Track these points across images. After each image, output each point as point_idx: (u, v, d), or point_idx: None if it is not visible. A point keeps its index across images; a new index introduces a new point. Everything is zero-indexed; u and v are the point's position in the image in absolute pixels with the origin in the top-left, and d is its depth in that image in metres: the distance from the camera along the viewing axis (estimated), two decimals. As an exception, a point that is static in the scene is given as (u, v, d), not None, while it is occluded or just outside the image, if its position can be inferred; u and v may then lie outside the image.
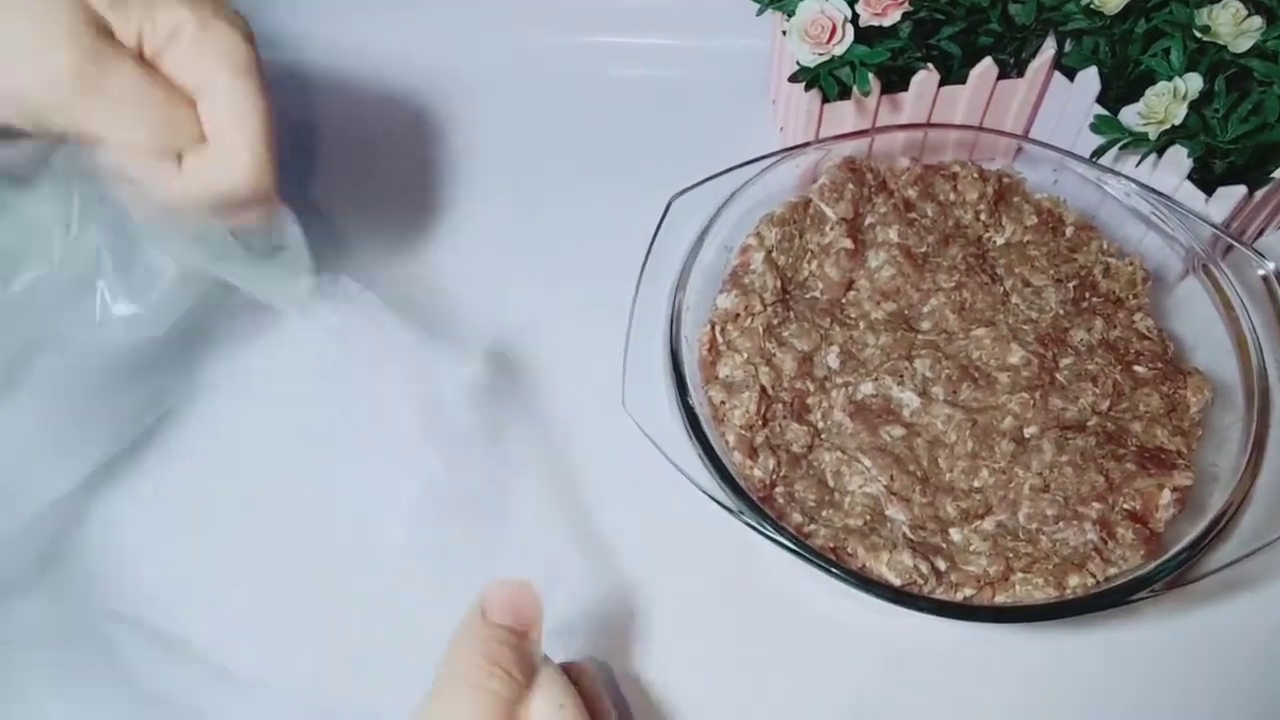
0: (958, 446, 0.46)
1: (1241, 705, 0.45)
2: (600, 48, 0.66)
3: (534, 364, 0.54)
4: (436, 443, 0.44)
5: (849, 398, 0.48)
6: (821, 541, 0.43)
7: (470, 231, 0.59)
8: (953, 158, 0.55)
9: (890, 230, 0.52)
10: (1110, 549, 0.43)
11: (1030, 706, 0.45)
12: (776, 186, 0.52)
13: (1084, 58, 0.54)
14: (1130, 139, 0.51)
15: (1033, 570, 0.42)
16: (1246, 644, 0.46)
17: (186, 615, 0.46)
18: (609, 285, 0.48)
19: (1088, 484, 0.44)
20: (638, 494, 0.48)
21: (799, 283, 0.52)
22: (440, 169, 0.62)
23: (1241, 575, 0.45)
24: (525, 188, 0.61)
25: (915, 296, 0.51)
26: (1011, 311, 0.50)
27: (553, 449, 0.51)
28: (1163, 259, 0.52)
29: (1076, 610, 0.41)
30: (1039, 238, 0.53)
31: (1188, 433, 0.47)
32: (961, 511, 0.45)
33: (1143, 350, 0.49)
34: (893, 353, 0.49)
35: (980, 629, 0.46)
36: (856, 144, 0.54)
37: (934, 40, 0.54)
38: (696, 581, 0.47)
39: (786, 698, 0.45)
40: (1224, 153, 0.50)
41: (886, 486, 0.45)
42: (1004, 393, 0.47)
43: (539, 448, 0.51)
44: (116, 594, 0.47)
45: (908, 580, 0.42)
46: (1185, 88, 0.48)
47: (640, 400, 0.44)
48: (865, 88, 0.51)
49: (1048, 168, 0.54)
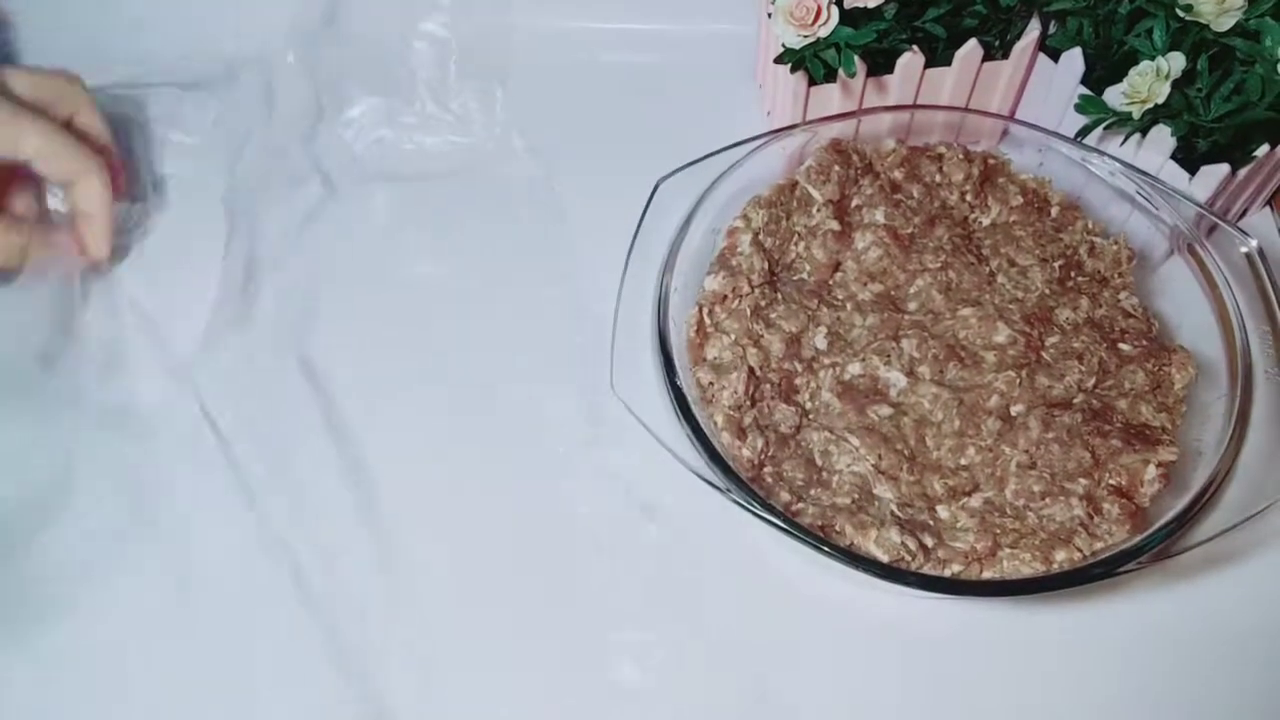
0: (945, 425, 0.47)
1: (1227, 676, 0.46)
2: (586, 32, 0.66)
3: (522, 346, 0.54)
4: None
5: (836, 378, 0.48)
6: (810, 520, 0.43)
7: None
8: (939, 139, 0.56)
9: (877, 212, 0.52)
10: (1096, 524, 0.43)
11: (1018, 680, 0.45)
12: (763, 169, 0.52)
13: (1068, 39, 0.54)
14: (1114, 119, 0.51)
15: (1020, 546, 0.43)
16: (1231, 616, 0.47)
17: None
18: (596, 268, 0.48)
19: (1074, 460, 0.45)
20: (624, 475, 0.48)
21: (786, 264, 0.52)
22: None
23: (1225, 548, 0.45)
24: (511, 172, 0.61)
25: (902, 277, 0.51)
26: (997, 291, 0.50)
27: (538, 430, 0.51)
28: (1147, 238, 0.52)
29: (1063, 584, 0.41)
30: (1024, 218, 0.53)
31: (1172, 409, 0.47)
32: (949, 489, 0.45)
33: (1128, 328, 0.50)
34: (880, 333, 0.49)
35: (968, 604, 0.47)
36: (843, 126, 0.54)
37: (919, 22, 0.54)
38: (685, 560, 0.48)
39: (775, 675, 0.45)
40: (1207, 131, 0.50)
41: (874, 465, 0.45)
42: (990, 371, 0.47)
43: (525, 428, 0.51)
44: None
45: (896, 557, 0.42)
46: (1168, 67, 0.48)
47: (628, 382, 0.44)
48: (850, 69, 0.51)
49: (1033, 149, 0.55)
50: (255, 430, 0.49)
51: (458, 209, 0.59)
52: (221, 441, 0.49)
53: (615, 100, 0.63)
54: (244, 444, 0.49)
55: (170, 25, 0.63)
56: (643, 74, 0.65)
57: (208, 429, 0.49)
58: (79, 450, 0.48)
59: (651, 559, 0.47)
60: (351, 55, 0.62)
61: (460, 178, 0.60)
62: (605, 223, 0.49)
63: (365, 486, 0.49)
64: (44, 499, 0.46)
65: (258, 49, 0.61)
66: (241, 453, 0.49)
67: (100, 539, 0.47)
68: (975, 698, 0.45)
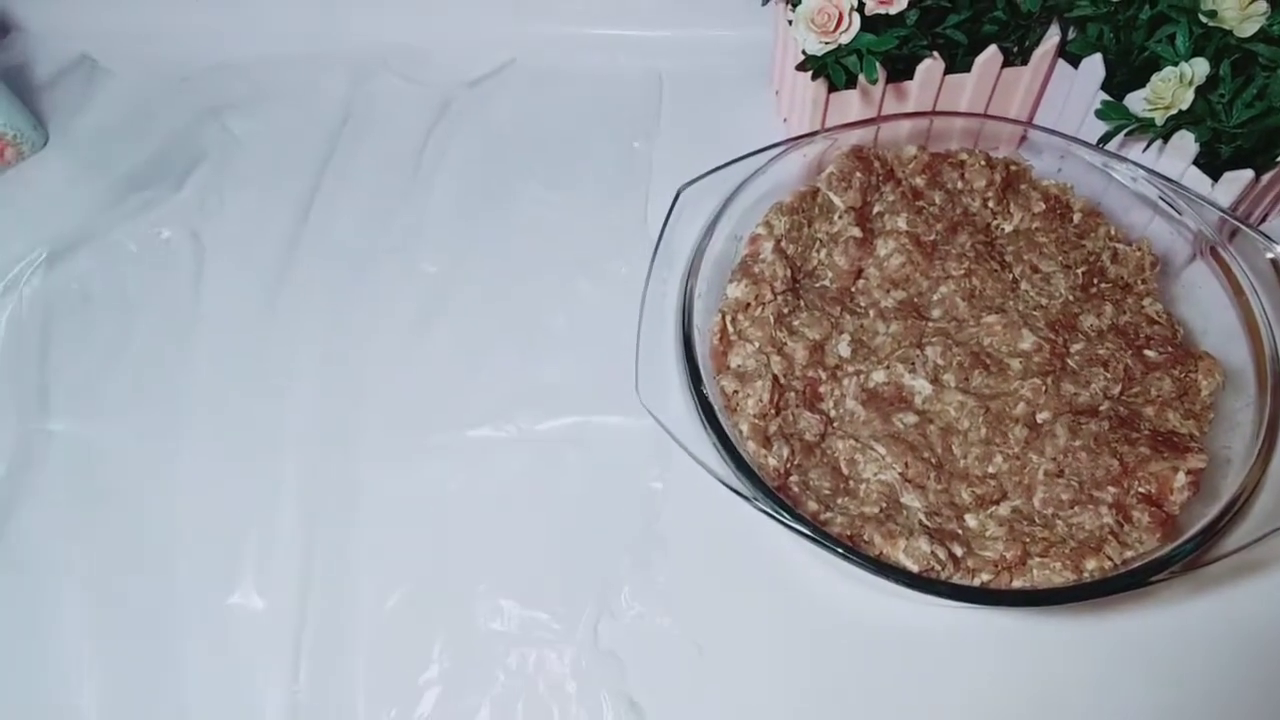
0: (971, 433, 0.46)
1: (1256, 686, 0.45)
2: (604, 40, 0.66)
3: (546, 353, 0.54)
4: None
5: (861, 386, 0.48)
6: (838, 529, 0.43)
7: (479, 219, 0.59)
8: (958, 146, 0.55)
9: (899, 218, 0.52)
10: (1126, 532, 0.43)
11: (1047, 690, 0.45)
12: (784, 176, 0.52)
13: (1089, 45, 0.54)
14: (1136, 124, 0.51)
15: (1049, 554, 0.42)
16: (1261, 625, 0.46)
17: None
18: (619, 275, 0.48)
19: (1102, 468, 0.44)
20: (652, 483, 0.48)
21: (808, 271, 0.52)
22: (450, 158, 0.62)
23: (1255, 558, 0.45)
24: (533, 179, 0.60)
25: (925, 284, 0.51)
26: (1021, 298, 0.50)
27: (565, 439, 0.51)
28: (1170, 244, 0.52)
29: (1094, 593, 0.41)
30: (1047, 224, 0.53)
31: (1199, 416, 0.47)
32: (976, 497, 0.45)
33: (1153, 335, 0.49)
34: (903, 340, 0.49)
35: (998, 614, 0.46)
36: (863, 133, 0.54)
37: (939, 29, 0.54)
38: (711, 569, 0.47)
39: (803, 682, 0.45)
40: (1230, 137, 0.50)
41: (901, 474, 0.45)
42: (1016, 379, 0.47)
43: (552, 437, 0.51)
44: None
45: (925, 566, 0.42)
46: (1192, 73, 0.48)
47: (653, 389, 0.44)
48: (873, 76, 0.51)
49: (1053, 155, 0.54)
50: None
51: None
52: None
53: (631, 106, 0.63)
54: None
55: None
56: (656, 80, 0.64)
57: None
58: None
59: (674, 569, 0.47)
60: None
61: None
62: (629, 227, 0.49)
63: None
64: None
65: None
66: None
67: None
68: (1003, 706, 0.45)
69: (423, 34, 0.66)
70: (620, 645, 0.46)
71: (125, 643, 0.46)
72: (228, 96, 0.66)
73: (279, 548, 0.48)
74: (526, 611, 0.46)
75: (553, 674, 0.45)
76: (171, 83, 0.67)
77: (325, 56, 0.67)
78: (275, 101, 0.65)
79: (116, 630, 0.46)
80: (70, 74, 0.69)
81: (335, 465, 0.50)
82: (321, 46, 0.67)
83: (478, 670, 0.45)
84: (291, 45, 0.67)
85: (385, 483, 0.50)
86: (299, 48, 0.67)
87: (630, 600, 0.47)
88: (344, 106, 0.65)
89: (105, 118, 0.66)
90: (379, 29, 0.67)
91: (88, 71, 0.69)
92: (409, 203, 0.60)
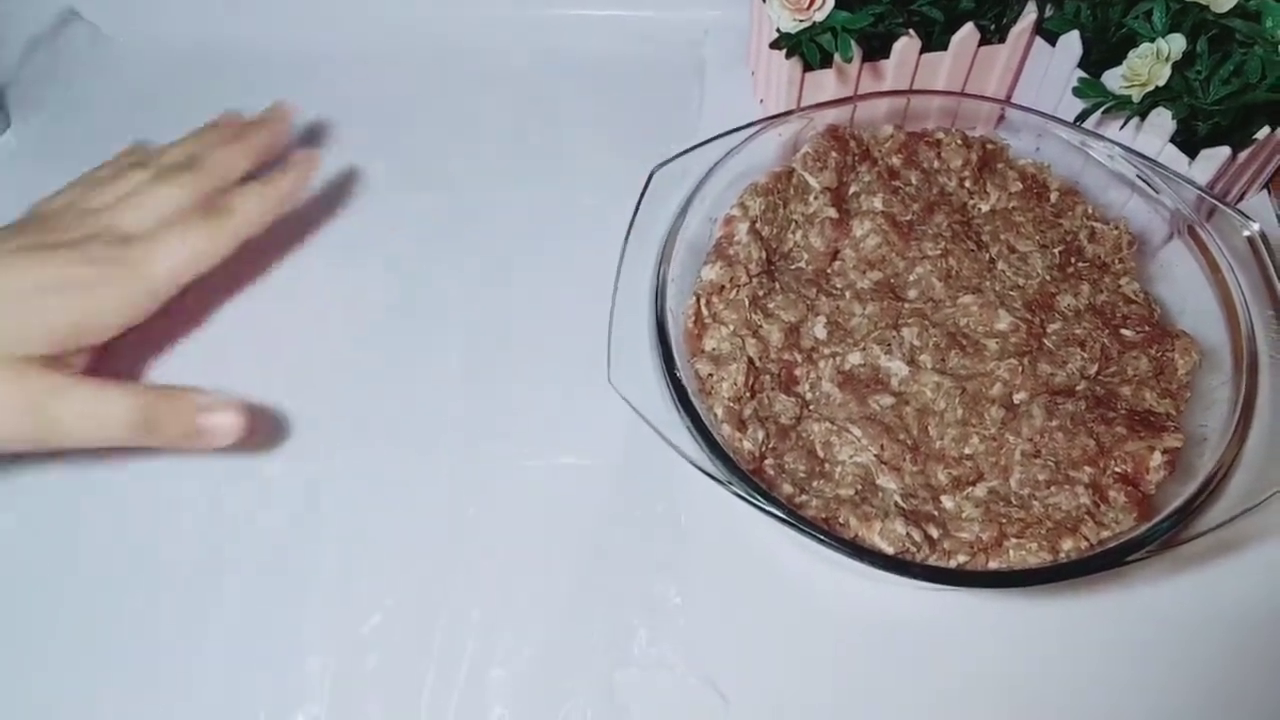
0: (947, 414, 0.46)
1: (1233, 664, 0.45)
2: (575, 20, 0.65)
3: (519, 340, 0.53)
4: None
5: (837, 368, 0.47)
6: (813, 512, 0.42)
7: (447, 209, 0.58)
8: (935, 125, 0.55)
9: (875, 199, 0.51)
10: (1103, 512, 0.43)
11: (1026, 671, 0.45)
12: (759, 156, 0.51)
13: (1065, 22, 0.54)
14: (1113, 102, 0.50)
15: (1026, 535, 0.42)
16: (1237, 604, 0.46)
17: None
18: (591, 259, 0.47)
19: (1079, 448, 0.44)
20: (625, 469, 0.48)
21: (784, 253, 0.51)
22: (413, 141, 0.61)
23: (1232, 535, 0.45)
24: (503, 162, 0.60)
25: (901, 265, 0.50)
26: (998, 278, 0.50)
27: (539, 425, 0.50)
28: (1147, 222, 0.52)
29: (1071, 574, 0.41)
30: (1024, 204, 0.52)
31: (1176, 395, 0.47)
32: (953, 479, 0.44)
33: (1130, 314, 0.49)
34: (880, 322, 0.48)
35: (974, 595, 0.46)
36: (839, 112, 0.53)
37: (915, 6, 0.53)
38: (688, 556, 0.47)
39: (779, 668, 0.45)
40: (1207, 114, 0.50)
41: (877, 456, 0.45)
42: (992, 359, 0.47)
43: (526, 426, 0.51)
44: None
45: (901, 548, 0.41)
46: (1168, 49, 0.47)
47: (626, 374, 0.43)
48: (848, 54, 0.50)
49: (1030, 134, 0.54)
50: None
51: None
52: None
53: (604, 89, 0.62)
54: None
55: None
56: (631, 61, 0.64)
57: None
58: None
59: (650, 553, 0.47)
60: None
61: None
62: (601, 211, 0.48)
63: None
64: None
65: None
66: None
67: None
68: (981, 688, 0.45)
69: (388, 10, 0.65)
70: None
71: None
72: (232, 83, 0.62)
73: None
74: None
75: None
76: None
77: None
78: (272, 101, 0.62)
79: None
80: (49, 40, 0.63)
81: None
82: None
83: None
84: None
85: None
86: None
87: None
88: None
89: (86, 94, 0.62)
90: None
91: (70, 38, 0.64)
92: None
